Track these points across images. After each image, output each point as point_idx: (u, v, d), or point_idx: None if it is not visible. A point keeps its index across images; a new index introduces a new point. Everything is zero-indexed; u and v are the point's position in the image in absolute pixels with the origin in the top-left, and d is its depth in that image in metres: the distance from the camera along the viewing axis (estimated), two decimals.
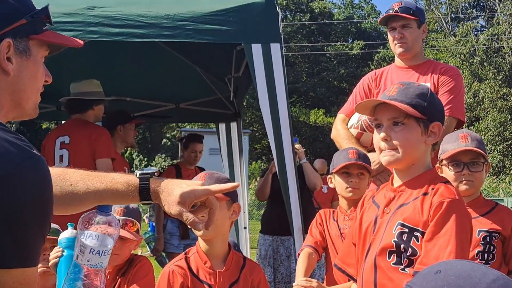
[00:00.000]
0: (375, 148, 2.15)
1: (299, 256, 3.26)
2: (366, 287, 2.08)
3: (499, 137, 27.47)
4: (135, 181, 1.64)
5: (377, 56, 34.58)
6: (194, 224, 1.60)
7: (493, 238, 2.72)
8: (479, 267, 1.08)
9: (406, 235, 1.99)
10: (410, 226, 1.99)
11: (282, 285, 5.45)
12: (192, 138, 6.18)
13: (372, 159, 3.27)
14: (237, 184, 1.78)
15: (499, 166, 26.94)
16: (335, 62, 36.11)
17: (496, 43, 29.70)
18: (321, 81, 34.90)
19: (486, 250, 2.72)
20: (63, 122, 5.39)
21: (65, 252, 2.15)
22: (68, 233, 2.21)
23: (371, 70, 7.17)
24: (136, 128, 5.38)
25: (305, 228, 3.69)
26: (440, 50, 32.27)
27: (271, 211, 5.73)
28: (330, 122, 26.41)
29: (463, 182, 2.73)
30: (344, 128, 3.61)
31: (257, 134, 30.93)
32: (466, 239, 1.97)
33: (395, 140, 2.04)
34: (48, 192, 1.23)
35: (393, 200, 2.09)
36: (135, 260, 2.94)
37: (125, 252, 2.87)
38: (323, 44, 36.58)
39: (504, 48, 29.33)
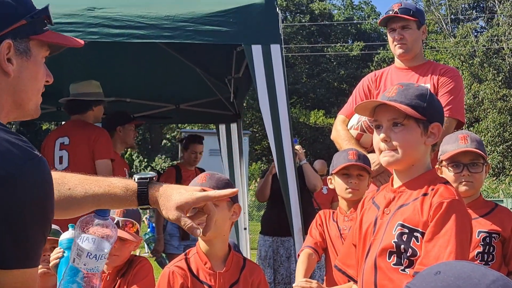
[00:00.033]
0: (374, 149, 2.15)
1: (299, 257, 3.26)
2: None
3: (499, 138, 27.45)
4: (133, 185, 1.64)
5: (377, 57, 34.57)
6: (192, 230, 1.60)
7: (492, 239, 2.72)
8: (478, 268, 1.08)
9: (406, 236, 1.99)
10: (410, 226, 1.99)
11: (282, 286, 5.45)
12: (192, 139, 6.17)
13: (372, 160, 3.27)
14: (236, 190, 1.77)
15: (498, 167, 26.92)
16: (335, 63, 36.11)
17: (496, 44, 29.69)
18: (321, 82, 34.91)
19: (486, 251, 2.72)
20: (63, 123, 5.39)
21: (65, 253, 2.14)
22: (69, 234, 2.21)
23: (371, 71, 7.17)
24: (136, 129, 5.38)
25: (305, 229, 3.69)
26: (440, 51, 32.26)
27: (271, 212, 5.73)
28: (330, 123, 26.38)
29: (463, 183, 2.73)
30: (344, 129, 3.61)
31: (257, 135, 30.93)
32: (466, 239, 1.97)
33: (395, 141, 2.04)
34: (49, 193, 1.23)
35: (393, 201, 2.09)
36: (135, 261, 2.93)
37: (124, 253, 2.87)
38: (323, 45, 36.59)
39: (504, 49, 29.31)
